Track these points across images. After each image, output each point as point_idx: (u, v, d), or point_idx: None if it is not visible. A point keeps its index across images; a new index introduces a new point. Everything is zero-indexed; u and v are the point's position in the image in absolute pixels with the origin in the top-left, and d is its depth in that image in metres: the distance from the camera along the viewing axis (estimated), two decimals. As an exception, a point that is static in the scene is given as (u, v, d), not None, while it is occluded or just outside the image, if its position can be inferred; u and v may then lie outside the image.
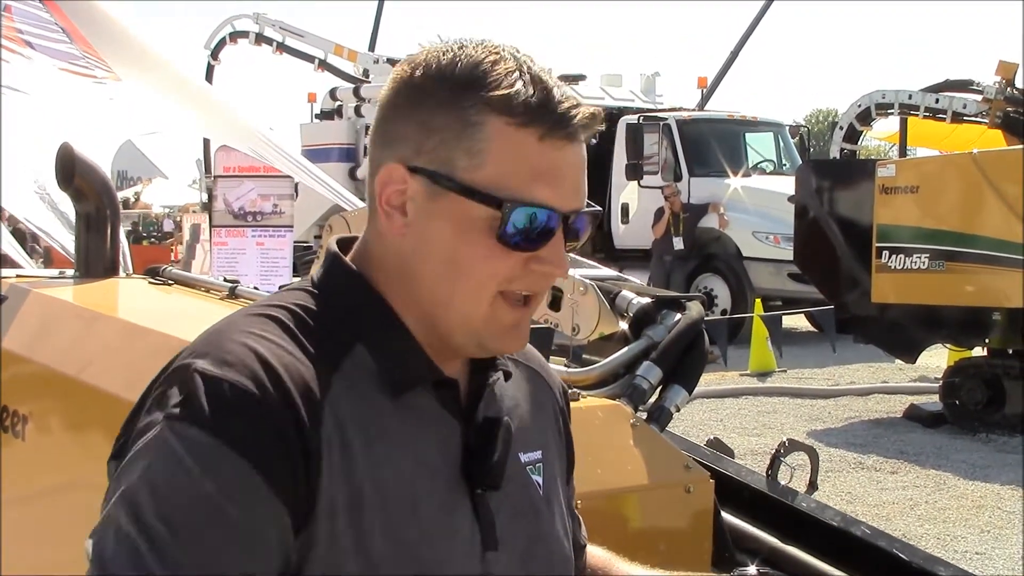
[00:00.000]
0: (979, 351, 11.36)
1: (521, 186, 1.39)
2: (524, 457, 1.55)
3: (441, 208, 1.41)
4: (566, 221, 1.43)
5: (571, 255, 3.33)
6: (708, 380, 11.86)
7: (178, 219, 27.52)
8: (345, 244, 1.53)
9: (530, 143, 1.39)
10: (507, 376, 1.56)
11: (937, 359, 12.98)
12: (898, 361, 13.04)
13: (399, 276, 1.45)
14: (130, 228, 27.58)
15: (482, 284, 1.41)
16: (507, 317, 1.44)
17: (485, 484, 1.45)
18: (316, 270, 1.53)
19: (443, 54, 1.42)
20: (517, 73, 1.40)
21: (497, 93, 1.39)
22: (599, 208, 1.51)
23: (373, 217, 1.48)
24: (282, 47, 24.22)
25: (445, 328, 1.44)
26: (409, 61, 1.46)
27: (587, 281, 2.88)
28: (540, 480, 1.56)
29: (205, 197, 21.58)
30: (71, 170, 3.35)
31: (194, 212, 23.87)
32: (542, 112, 1.39)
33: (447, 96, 1.40)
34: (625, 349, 2.65)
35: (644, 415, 2.54)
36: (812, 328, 16.14)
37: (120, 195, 4.31)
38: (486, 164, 1.39)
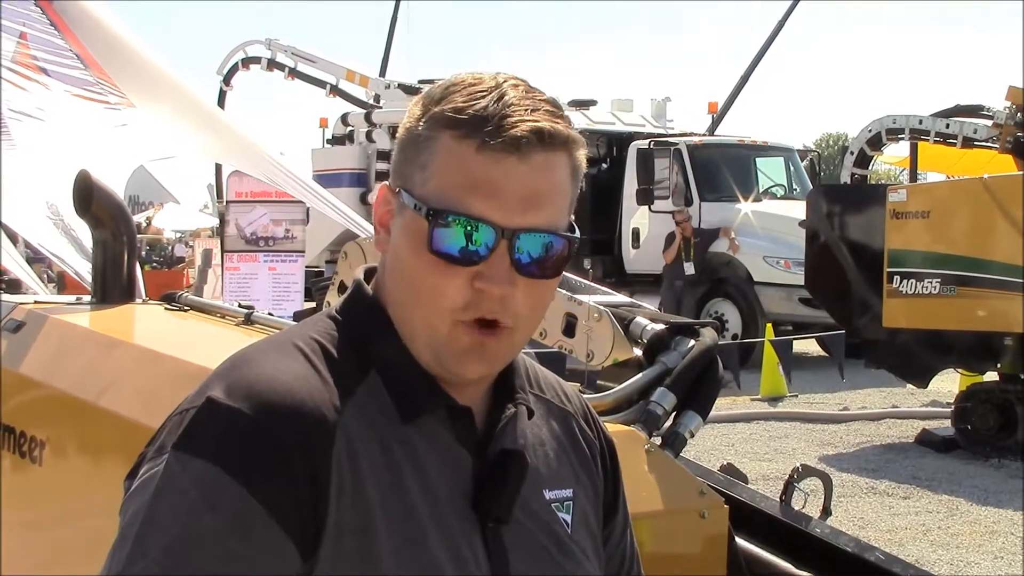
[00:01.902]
0: (991, 376, 11.33)
1: (457, 197, 1.38)
2: (549, 494, 1.53)
3: (403, 223, 1.43)
4: (511, 239, 1.39)
5: (587, 282, 3.33)
6: (719, 405, 11.79)
7: (190, 244, 27.59)
8: (373, 272, 1.55)
9: (468, 155, 1.37)
10: (530, 414, 1.54)
11: (949, 384, 12.94)
12: (909, 386, 13.00)
13: (388, 293, 1.47)
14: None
15: (433, 302, 1.40)
16: (465, 339, 1.41)
17: (493, 517, 1.44)
18: (340, 298, 1.55)
19: (439, 84, 1.46)
20: (482, 92, 1.40)
21: (446, 107, 1.40)
22: (574, 235, 1.45)
23: None
24: (294, 73, 24.29)
25: (414, 344, 1.44)
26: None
27: (601, 308, 2.89)
28: (568, 518, 1.54)
29: (217, 222, 21.61)
30: (89, 197, 3.38)
31: (207, 237, 23.94)
32: (481, 123, 1.37)
33: (419, 119, 1.43)
34: (639, 375, 2.65)
35: (658, 441, 2.55)
36: (823, 353, 16.11)
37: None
38: (432, 177, 1.40)
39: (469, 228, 1.37)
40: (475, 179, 1.37)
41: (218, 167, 20.96)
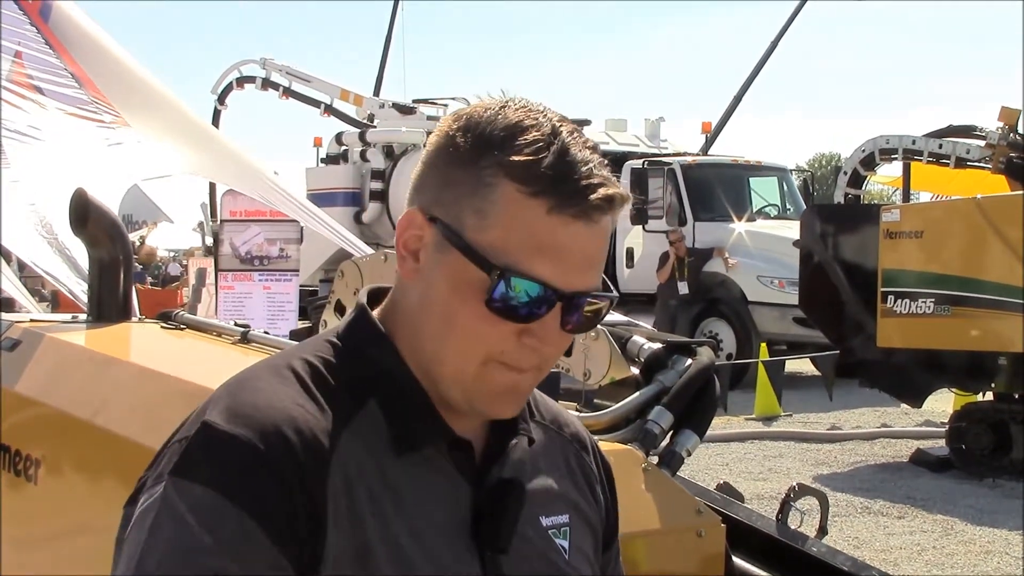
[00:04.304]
0: (985, 395, 11.34)
1: (521, 256, 1.36)
2: (546, 521, 1.52)
3: (446, 262, 1.39)
4: (567, 301, 1.38)
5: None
6: (713, 424, 11.79)
7: (184, 263, 27.56)
8: (376, 295, 1.53)
9: (537, 214, 1.35)
10: (530, 442, 1.53)
11: (943, 404, 12.96)
12: (904, 405, 13.01)
13: (410, 324, 1.45)
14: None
15: (470, 346, 1.39)
16: (499, 380, 1.41)
17: (491, 547, 1.43)
18: (342, 321, 1.53)
19: (484, 111, 1.41)
20: (544, 143, 1.37)
21: (514, 158, 1.36)
22: (613, 294, 1.46)
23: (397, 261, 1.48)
24: (288, 92, 24.33)
25: (442, 384, 1.43)
26: (455, 114, 1.44)
27: (599, 326, 2.89)
28: (565, 544, 1.53)
29: (210, 241, 21.59)
30: (85, 215, 3.38)
31: (201, 256, 23.92)
32: (554, 185, 1.35)
33: (470, 153, 1.38)
34: (636, 394, 2.65)
35: (655, 459, 2.55)
36: (818, 373, 16.12)
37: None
38: (491, 227, 1.36)
39: (530, 290, 1.36)
40: (543, 242, 1.36)
41: (212, 186, 20.98)
